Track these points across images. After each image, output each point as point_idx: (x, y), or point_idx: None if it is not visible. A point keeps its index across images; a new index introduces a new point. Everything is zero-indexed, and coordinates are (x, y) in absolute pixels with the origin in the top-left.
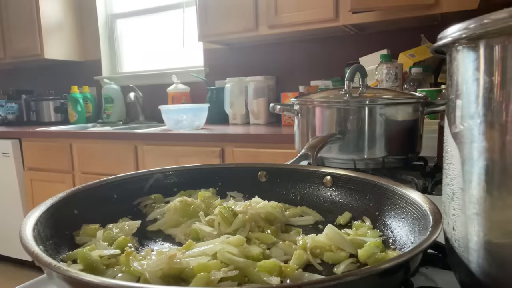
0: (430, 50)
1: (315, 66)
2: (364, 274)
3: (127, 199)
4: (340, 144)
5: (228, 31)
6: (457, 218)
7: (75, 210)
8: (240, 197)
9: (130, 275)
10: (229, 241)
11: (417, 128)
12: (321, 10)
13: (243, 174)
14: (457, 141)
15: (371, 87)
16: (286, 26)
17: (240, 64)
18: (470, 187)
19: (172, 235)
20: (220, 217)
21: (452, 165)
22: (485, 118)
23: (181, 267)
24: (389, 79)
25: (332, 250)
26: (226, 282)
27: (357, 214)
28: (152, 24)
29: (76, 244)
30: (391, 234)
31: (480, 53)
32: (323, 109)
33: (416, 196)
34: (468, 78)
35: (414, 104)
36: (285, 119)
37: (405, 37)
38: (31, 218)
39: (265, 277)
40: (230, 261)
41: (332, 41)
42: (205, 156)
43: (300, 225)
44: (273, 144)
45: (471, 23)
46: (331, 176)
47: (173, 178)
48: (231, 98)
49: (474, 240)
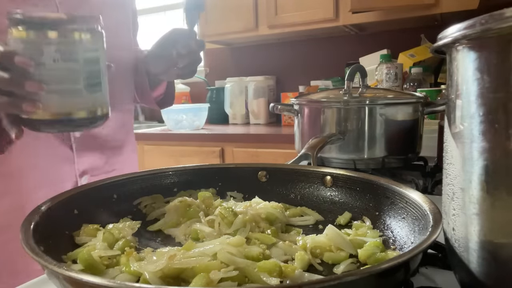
0: (430, 50)
1: (315, 66)
2: (364, 274)
3: (127, 199)
4: (340, 144)
5: (228, 31)
6: (457, 218)
7: (75, 210)
8: (240, 197)
9: (130, 275)
10: (229, 242)
11: (417, 128)
12: (321, 10)
13: (243, 174)
14: (457, 141)
15: (371, 87)
16: (286, 26)
17: (240, 64)
18: (470, 187)
19: (172, 235)
20: (221, 218)
21: (452, 165)
22: (485, 118)
23: (181, 267)
24: (389, 79)
25: (332, 250)
26: (226, 282)
27: (357, 214)
28: (152, 24)
29: (76, 244)
30: (391, 234)
31: (480, 53)
32: (323, 109)
33: (416, 196)
34: (468, 78)
35: (414, 104)
36: (285, 119)
37: (405, 37)
38: (31, 218)
39: (265, 277)
40: (230, 262)
41: (332, 41)
42: (205, 156)
43: (300, 225)
44: (273, 144)
45: (471, 23)
46: (331, 176)
47: (173, 178)
48: (231, 98)
49: (474, 240)
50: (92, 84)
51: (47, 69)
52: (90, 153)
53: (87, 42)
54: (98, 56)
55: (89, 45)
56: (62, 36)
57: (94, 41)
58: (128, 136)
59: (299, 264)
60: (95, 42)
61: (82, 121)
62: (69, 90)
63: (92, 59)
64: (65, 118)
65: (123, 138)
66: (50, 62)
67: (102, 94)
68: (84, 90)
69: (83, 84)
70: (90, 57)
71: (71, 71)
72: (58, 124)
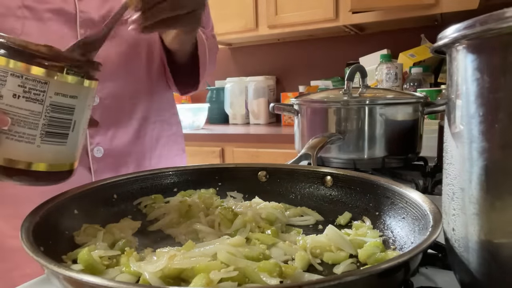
0: (430, 50)
1: (315, 66)
2: (364, 274)
3: (127, 199)
4: (340, 144)
5: (228, 31)
6: (457, 218)
7: (75, 210)
8: (240, 197)
9: (130, 275)
10: (229, 242)
11: (417, 128)
12: (321, 10)
13: (243, 174)
14: (457, 141)
15: (371, 87)
16: (286, 26)
17: (240, 64)
18: (470, 187)
19: (172, 235)
20: (221, 218)
21: (452, 165)
22: (485, 118)
23: (181, 267)
24: (389, 79)
25: (332, 250)
26: (226, 282)
27: (357, 214)
28: None
29: (76, 244)
30: (391, 234)
31: (480, 53)
32: (323, 109)
33: (416, 196)
34: (468, 78)
35: (414, 104)
36: (285, 119)
37: (405, 37)
38: (31, 218)
39: (265, 277)
40: (230, 262)
41: (332, 41)
42: (205, 156)
43: (300, 225)
44: (273, 144)
45: (471, 23)
46: (331, 176)
47: (173, 178)
48: (231, 98)
49: (474, 240)
50: (52, 134)
51: (5, 103)
52: (110, 174)
53: (63, 85)
54: (74, 104)
55: (64, 89)
56: (29, 70)
57: (74, 86)
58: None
59: (299, 264)
60: (75, 89)
61: (39, 174)
62: (24, 134)
63: (63, 105)
64: (21, 167)
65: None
66: (10, 96)
67: (66, 149)
68: (39, 139)
69: (40, 131)
70: (61, 103)
71: (31, 113)
72: (13, 172)
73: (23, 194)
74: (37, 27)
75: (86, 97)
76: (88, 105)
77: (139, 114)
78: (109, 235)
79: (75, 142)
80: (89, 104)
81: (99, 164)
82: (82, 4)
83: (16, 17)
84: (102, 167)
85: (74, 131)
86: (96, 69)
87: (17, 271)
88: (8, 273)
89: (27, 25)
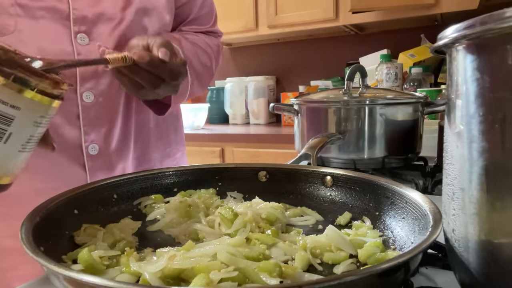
0: (430, 50)
1: (315, 66)
2: (364, 274)
3: (127, 199)
4: (340, 144)
5: (228, 31)
6: (457, 218)
7: (75, 210)
8: (240, 197)
9: (130, 275)
10: (229, 242)
11: (417, 128)
12: (321, 10)
13: (243, 174)
14: (457, 141)
15: (371, 87)
16: (286, 26)
17: (240, 64)
18: (470, 187)
19: (172, 235)
20: (221, 218)
21: (452, 165)
22: (485, 118)
23: (181, 267)
24: (389, 79)
25: (332, 250)
26: (226, 282)
27: (357, 214)
28: None
29: (76, 244)
30: (391, 234)
31: (480, 53)
32: (323, 109)
33: (416, 196)
34: (468, 78)
35: (414, 104)
36: (285, 119)
37: (405, 37)
38: (31, 218)
39: (265, 277)
40: (230, 262)
41: (332, 41)
42: (205, 156)
43: (300, 225)
44: (273, 144)
45: (471, 23)
46: (331, 176)
47: (173, 178)
48: (231, 98)
49: (474, 240)
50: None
51: None
52: (104, 172)
53: (4, 92)
54: (14, 115)
55: (5, 97)
56: None
57: (19, 97)
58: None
59: (299, 264)
60: (20, 100)
61: None
62: None
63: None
64: None
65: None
66: None
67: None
68: None
69: None
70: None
71: None
72: None
73: (15, 193)
74: (30, 25)
75: (34, 112)
76: (36, 122)
77: (135, 112)
78: (109, 235)
79: (6, 155)
80: (39, 121)
81: (94, 162)
82: (75, 1)
83: (8, 14)
84: (97, 165)
85: (6, 144)
86: (56, 87)
87: (11, 271)
88: (2, 273)
89: (20, 23)
